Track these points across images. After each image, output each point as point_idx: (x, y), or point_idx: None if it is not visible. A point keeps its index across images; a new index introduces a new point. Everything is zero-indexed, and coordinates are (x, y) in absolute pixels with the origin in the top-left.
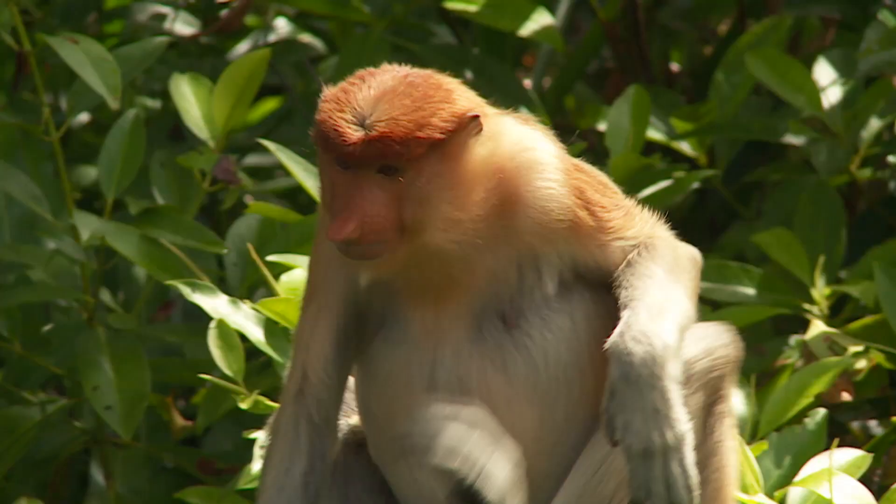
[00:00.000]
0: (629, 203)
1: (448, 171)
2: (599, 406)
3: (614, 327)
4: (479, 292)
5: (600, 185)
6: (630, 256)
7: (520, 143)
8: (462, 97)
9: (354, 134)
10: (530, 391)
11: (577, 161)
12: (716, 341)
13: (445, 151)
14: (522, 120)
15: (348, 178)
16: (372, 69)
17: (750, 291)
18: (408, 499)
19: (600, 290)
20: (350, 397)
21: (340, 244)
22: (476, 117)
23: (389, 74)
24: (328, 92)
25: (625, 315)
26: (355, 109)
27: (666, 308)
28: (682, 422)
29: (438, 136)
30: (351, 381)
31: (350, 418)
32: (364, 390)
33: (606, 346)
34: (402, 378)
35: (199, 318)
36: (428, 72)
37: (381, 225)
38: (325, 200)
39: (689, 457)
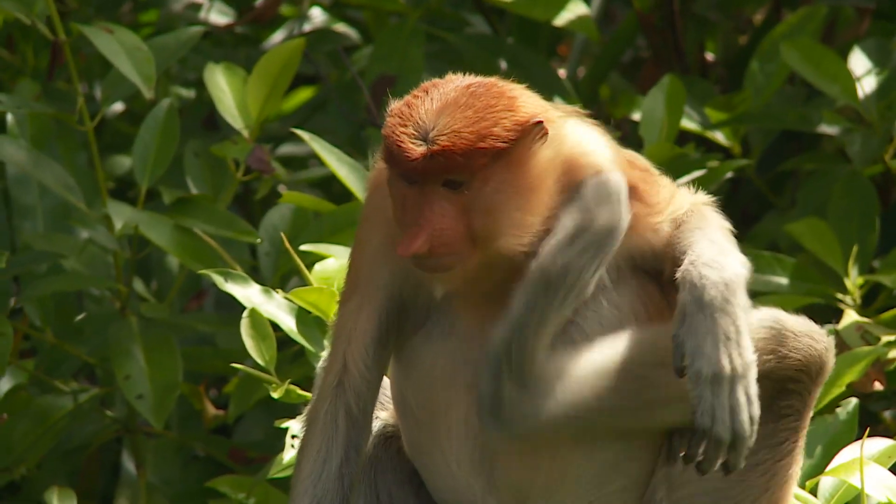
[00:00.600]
0: (671, 184)
1: (514, 178)
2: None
3: (657, 314)
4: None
5: (649, 175)
6: (680, 221)
7: (581, 145)
8: (526, 103)
9: (417, 149)
10: None
11: (628, 153)
12: (791, 330)
13: (510, 159)
14: (579, 119)
15: (415, 192)
16: (436, 80)
17: (783, 281)
18: (441, 492)
19: (645, 278)
20: (381, 391)
21: (411, 259)
22: (540, 123)
23: (452, 86)
24: (393, 106)
25: (691, 252)
26: (417, 124)
27: (728, 248)
28: (750, 350)
29: (501, 145)
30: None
31: (380, 412)
32: (402, 383)
33: (678, 274)
34: (445, 374)
35: (232, 307)
36: (491, 80)
37: (450, 238)
38: (395, 214)
39: (754, 387)
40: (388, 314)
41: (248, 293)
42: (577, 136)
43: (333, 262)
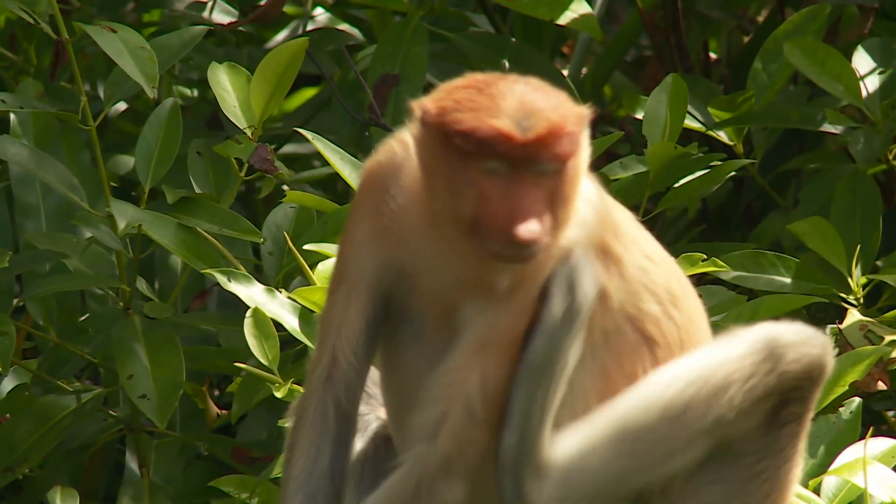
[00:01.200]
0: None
1: (580, 167)
2: None
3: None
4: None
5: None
6: None
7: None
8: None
9: (522, 134)
10: None
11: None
12: (786, 344)
13: (580, 148)
14: None
15: (506, 182)
16: (475, 76)
17: (786, 280)
18: None
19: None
20: (378, 391)
21: (518, 247)
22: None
23: (501, 80)
24: (446, 102)
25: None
26: (510, 110)
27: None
28: None
29: (580, 130)
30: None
31: (379, 410)
32: (383, 382)
33: None
34: (413, 379)
35: (235, 306)
36: (517, 76)
37: (547, 224)
38: (457, 209)
39: None
40: (374, 308)
41: (252, 292)
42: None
43: None
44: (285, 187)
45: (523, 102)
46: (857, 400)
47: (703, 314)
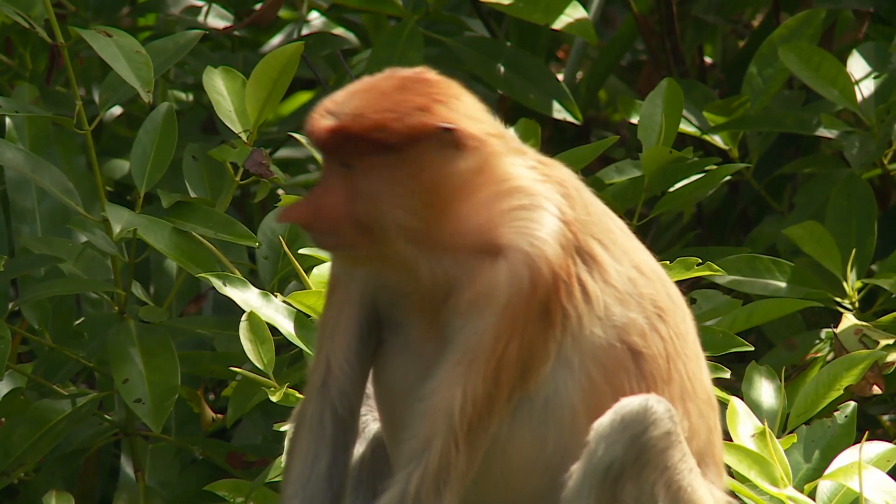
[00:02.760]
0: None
1: (407, 177)
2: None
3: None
4: (455, 319)
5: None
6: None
7: (511, 187)
8: (453, 111)
9: (321, 121)
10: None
11: (579, 210)
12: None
13: (405, 157)
14: (543, 173)
15: (323, 166)
16: (399, 68)
17: (781, 284)
18: None
19: None
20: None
21: (310, 232)
22: (448, 131)
23: (398, 74)
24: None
25: None
26: (335, 100)
27: None
28: None
29: (392, 139)
30: None
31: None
32: (374, 390)
33: None
34: (402, 389)
35: (230, 311)
36: (441, 79)
37: (331, 215)
38: None
39: None
40: (366, 314)
41: (247, 297)
42: (514, 178)
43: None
44: (280, 191)
45: (346, 98)
46: (853, 404)
47: (691, 329)
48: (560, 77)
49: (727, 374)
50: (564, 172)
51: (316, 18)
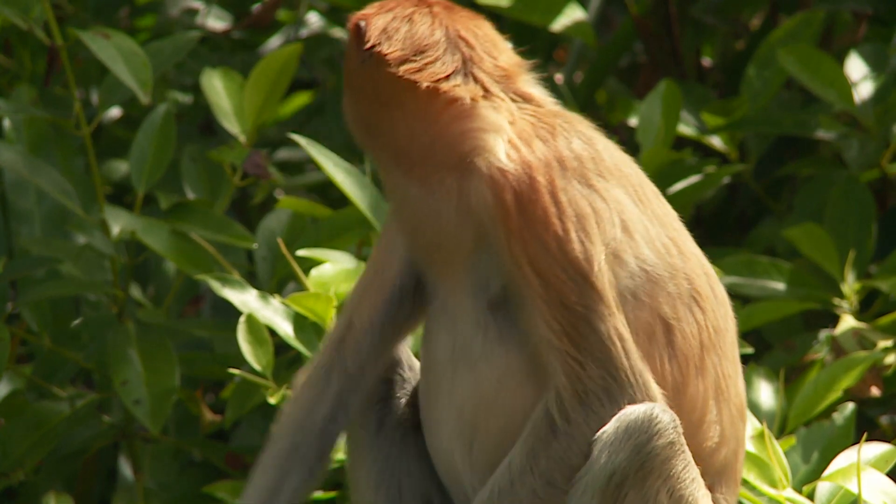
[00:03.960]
0: (599, 286)
1: (357, 83)
2: None
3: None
4: (469, 266)
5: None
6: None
7: (469, 115)
8: (393, 24)
9: None
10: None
11: (567, 181)
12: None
13: (350, 63)
14: (512, 106)
15: None
16: None
17: (780, 286)
18: (434, 459)
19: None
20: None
21: None
22: (358, 26)
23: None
24: None
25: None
26: None
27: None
28: None
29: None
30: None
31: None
32: (420, 362)
33: None
34: (439, 351)
35: (229, 312)
36: (451, 6)
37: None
38: None
39: None
40: (404, 279)
41: (245, 298)
42: (476, 109)
43: (330, 267)
44: (279, 193)
45: None
46: (851, 405)
47: (731, 332)
48: (559, 78)
49: None
50: (568, 117)
51: (314, 20)
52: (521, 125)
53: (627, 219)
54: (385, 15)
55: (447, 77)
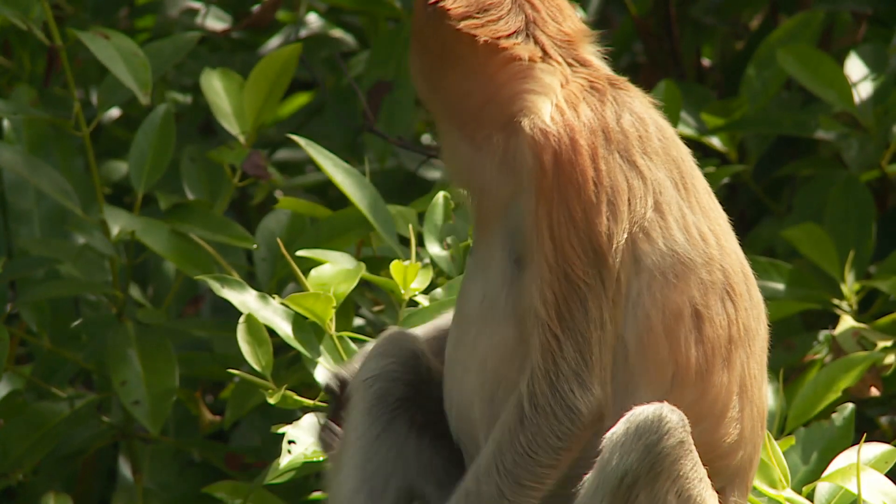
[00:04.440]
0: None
1: (424, 42)
2: None
3: None
4: (502, 221)
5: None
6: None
7: (523, 75)
8: None
9: None
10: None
11: (613, 149)
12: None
13: (420, 24)
14: (585, 77)
15: None
16: None
17: (779, 286)
18: (453, 422)
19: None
20: None
21: None
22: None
23: None
24: None
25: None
26: None
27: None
28: None
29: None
30: None
31: None
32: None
33: None
34: (465, 309)
35: (228, 313)
36: None
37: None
38: None
39: None
40: None
41: (245, 299)
42: (530, 72)
43: (330, 267)
44: (278, 193)
45: None
46: (850, 406)
47: (762, 335)
48: None
49: None
50: (625, 91)
51: (314, 20)
52: (572, 89)
53: (663, 200)
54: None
55: (508, 35)
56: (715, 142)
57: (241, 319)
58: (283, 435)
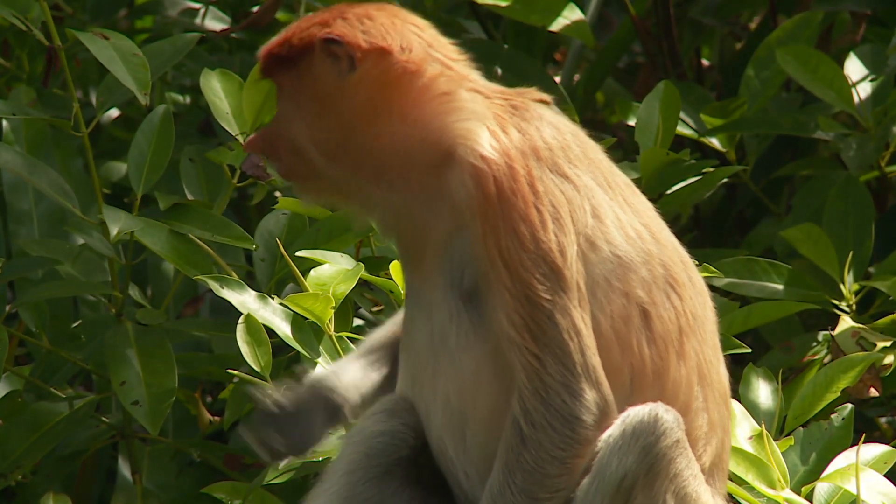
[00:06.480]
0: (567, 276)
1: (304, 91)
2: None
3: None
4: (442, 259)
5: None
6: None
7: (451, 105)
8: (354, 27)
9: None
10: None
11: (540, 177)
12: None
13: (300, 71)
14: (496, 100)
15: None
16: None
17: (778, 287)
18: (435, 454)
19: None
20: None
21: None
22: (333, 42)
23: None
24: None
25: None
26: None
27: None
28: None
29: (287, 52)
30: None
31: None
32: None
33: None
34: (414, 341)
35: (228, 313)
36: (386, 6)
37: (270, 139)
38: None
39: None
40: None
41: (244, 299)
42: (454, 98)
43: (329, 268)
44: (277, 194)
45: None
46: (850, 406)
47: (711, 321)
48: (557, 79)
49: None
50: (535, 105)
51: None
52: (496, 111)
53: (597, 205)
54: (342, 23)
55: (425, 64)
56: (714, 142)
57: (241, 320)
58: None
